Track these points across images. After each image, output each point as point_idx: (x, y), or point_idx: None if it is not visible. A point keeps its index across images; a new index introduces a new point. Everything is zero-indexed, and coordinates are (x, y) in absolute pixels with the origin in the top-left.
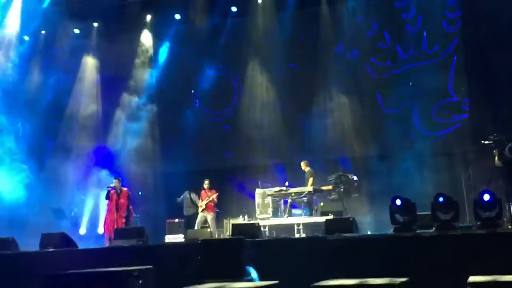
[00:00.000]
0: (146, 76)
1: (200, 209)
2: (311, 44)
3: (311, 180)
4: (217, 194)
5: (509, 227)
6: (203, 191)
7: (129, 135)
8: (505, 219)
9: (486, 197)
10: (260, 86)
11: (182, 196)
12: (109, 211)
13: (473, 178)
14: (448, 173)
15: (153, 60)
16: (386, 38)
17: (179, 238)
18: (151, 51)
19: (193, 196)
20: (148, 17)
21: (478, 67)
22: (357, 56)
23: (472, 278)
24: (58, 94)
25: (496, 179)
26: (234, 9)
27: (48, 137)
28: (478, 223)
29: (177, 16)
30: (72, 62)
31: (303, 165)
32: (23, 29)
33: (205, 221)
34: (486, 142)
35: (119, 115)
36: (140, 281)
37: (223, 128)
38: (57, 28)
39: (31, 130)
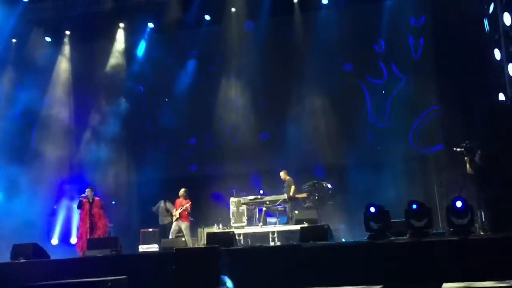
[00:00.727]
0: (120, 82)
1: (174, 218)
2: (285, 51)
3: (293, 188)
4: (190, 203)
5: (481, 233)
6: (178, 200)
7: (102, 142)
8: (477, 226)
9: (458, 204)
10: (234, 93)
11: (157, 205)
12: (81, 220)
13: (445, 185)
14: (421, 180)
15: (126, 67)
16: (362, 45)
17: (153, 247)
18: (123, 58)
19: (168, 205)
20: (121, 25)
21: (449, 75)
22: (333, 63)
23: (445, 285)
24: (30, 101)
25: (468, 186)
26: (207, 17)
27: (20, 146)
28: (451, 229)
29: (150, 25)
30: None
31: (282, 174)
32: None
33: (180, 230)
34: (458, 149)
35: (92, 122)
36: None
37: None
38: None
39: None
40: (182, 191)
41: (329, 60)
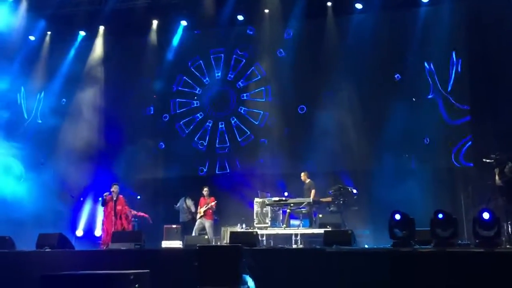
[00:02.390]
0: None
1: (198, 216)
2: (317, 55)
3: (313, 191)
4: (216, 202)
5: (508, 246)
6: (202, 198)
7: (130, 137)
8: (503, 239)
9: (486, 215)
10: (263, 95)
11: (179, 203)
12: (106, 217)
13: (473, 196)
14: (448, 189)
15: (158, 64)
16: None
17: (176, 243)
18: (156, 54)
19: (189, 202)
20: (155, 22)
21: (481, 86)
22: (360, 71)
23: None
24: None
25: (496, 198)
26: (240, 17)
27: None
28: (477, 241)
29: (184, 22)
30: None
31: (303, 176)
32: (29, 29)
33: (203, 228)
34: (488, 160)
35: (122, 118)
36: (136, 285)
37: (224, 136)
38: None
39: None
40: (205, 189)
41: (362, 66)
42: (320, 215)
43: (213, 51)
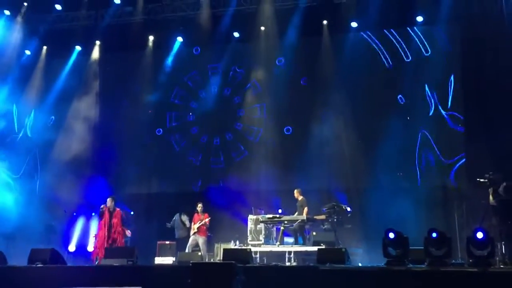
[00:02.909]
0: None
1: (192, 232)
2: (311, 72)
3: (306, 209)
4: (209, 218)
5: (501, 266)
6: (196, 214)
7: (125, 152)
8: (497, 258)
9: (480, 235)
10: (258, 112)
11: (173, 220)
12: (99, 229)
13: (466, 215)
14: (442, 208)
15: (153, 78)
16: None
17: (169, 260)
18: (151, 70)
19: (184, 218)
20: (151, 38)
21: (475, 105)
22: (356, 89)
23: None
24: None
25: (490, 218)
26: (236, 34)
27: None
28: (470, 260)
29: (180, 39)
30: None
31: (296, 193)
32: (24, 43)
33: (197, 244)
34: (482, 180)
35: (117, 131)
36: None
37: (219, 152)
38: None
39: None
40: (199, 206)
41: (354, 84)
42: (314, 233)
43: (211, 66)
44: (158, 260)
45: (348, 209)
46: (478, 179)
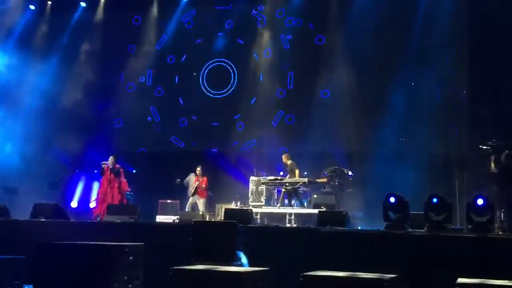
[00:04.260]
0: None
1: (190, 194)
2: (317, 32)
3: (297, 171)
4: (206, 180)
5: (500, 233)
6: (196, 177)
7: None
8: (496, 225)
9: (480, 201)
10: (257, 73)
11: (187, 178)
12: (101, 186)
13: (467, 182)
14: (443, 175)
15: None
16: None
17: (170, 218)
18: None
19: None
20: None
21: (480, 72)
22: (360, 52)
23: (460, 280)
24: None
25: (491, 185)
26: None
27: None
28: (470, 226)
29: None
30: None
31: (284, 158)
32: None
33: (196, 205)
34: (484, 147)
35: (120, 89)
36: (131, 257)
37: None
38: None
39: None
40: (198, 169)
41: (361, 45)
42: (315, 195)
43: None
44: (160, 218)
45: (350, 173)
46: (480, 146)
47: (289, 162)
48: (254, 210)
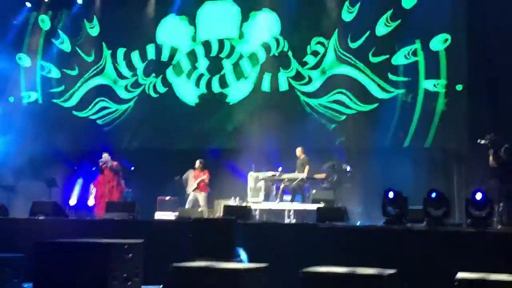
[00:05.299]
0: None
1: (191, 188)
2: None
3: (307, 167)
4: (208, 174)
5: (499, 227)
6: (195, 172)
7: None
8: (495, 219)
9: (478, 196)
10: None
11: (186, 174)
12: (99, 184)
13: (466, 176)
14: (441, 169)
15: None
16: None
17: (169, 215)
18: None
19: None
20: None
21: (479, 65)
22: (360, 45)
23: (460, 275)
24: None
25: (489, 179)
26: None
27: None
28: (468, 221)
29: None
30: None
31: (299, 151)
32: None
33: (196, 200)
34: (482, 141)
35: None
36: (130, 255)
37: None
38: None
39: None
40: (197, 162)
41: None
42: (314, 191)
43: None
44: (158, 215)
45: (348, 168)
46: (479, 140)
47: (302, 156)
48: (253, 206)
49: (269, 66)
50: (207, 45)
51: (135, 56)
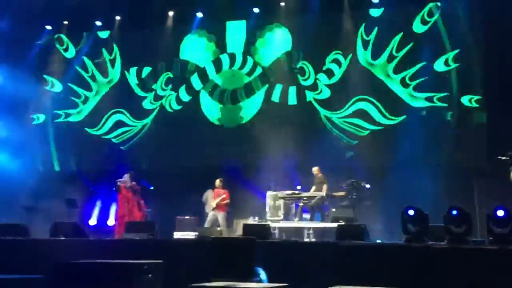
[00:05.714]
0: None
1: (211, 208)
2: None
3: (325, 186)
4: (228, 193)
5: None
6: (215, 190)
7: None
8: None
9: (500, 212)
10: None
11: (204, 194)
12: (119, 203)
13: (487, 192)
14: (462, 186)
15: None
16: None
17: (188, 235)
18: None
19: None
20: (170, 14)
21: (497, 80)
22: (377, 61)
23: None
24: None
25: (510, 196)
26: (256, 10)
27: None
28: (490, 238)
29: (199, 14)
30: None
31: (316, 170)
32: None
33: (216, 220)
34: (503, 157)
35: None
36: (150, 275)
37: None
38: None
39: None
40: (218, 181)
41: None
42: (333, 209)
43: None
44: (177, 235)
45: (367, 185)
46: (499, 157)
47: (319, 175)
48: (272, 225)
49: (288, 80)
50: (224, 61)
51: (152, 74)
